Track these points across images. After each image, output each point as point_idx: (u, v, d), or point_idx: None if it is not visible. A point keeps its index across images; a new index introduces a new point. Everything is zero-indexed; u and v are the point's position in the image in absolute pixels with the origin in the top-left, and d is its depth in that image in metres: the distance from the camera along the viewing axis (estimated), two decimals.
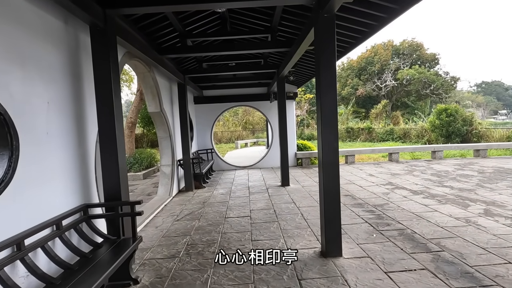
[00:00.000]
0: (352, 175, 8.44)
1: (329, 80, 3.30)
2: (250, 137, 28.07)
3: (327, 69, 3.29)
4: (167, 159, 7.01)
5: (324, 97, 3.31)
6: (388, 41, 34.29)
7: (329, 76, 3.30)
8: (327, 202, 3.35)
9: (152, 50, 5.07)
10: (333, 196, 3.34)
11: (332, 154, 3.30)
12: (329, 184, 3.33)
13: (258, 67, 7.81)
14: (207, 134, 10.71)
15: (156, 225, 4.92)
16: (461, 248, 3.46)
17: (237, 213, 5.34)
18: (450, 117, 15.57)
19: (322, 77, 3.30)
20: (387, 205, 5.35)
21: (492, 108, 66.35)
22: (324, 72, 3.30)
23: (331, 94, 3.31)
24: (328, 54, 3.28)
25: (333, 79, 3.31)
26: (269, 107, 10.71)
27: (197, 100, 10.48)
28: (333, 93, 3.32)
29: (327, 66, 3.29)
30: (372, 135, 22.34)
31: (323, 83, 3.31)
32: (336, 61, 3.42)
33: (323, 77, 3.30)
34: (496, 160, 10.21)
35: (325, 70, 3.30)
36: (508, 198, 5.46)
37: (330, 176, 3.31)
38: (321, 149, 3.34)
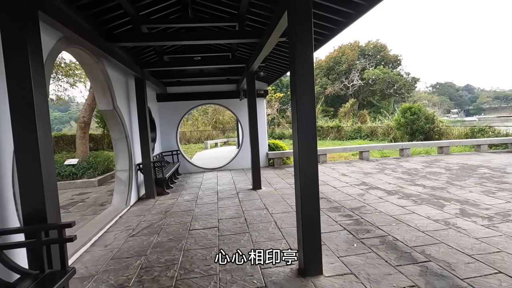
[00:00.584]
0: (326, 175, 8.18)
1: (306, 71, 2.84)
2: (221, 136, 27.31)
3: (303, 58, 2.82)
4: (123, 163, 6.18)
5: (301, 93, 2.84)
6: (354, 42, 35.32)
7: (306, 65, 2.84)
8: (305, 215, 2.89)
9: (98, 36, 4.29)
10: (312, 208, 2.90)
11: (310, 160, 2.84)
12: (308, 194, 2.87)
13: (226, 61, 7.22)
14: (172, 134, 9.90)
15: (106, 243, 4.16)
16: (447, 256, 3.19)
17: (203, 223, 4.74)
18: (414, 116, 16.14)
19: (297, 68, 2.83)
20: (364, 208, 5.06)
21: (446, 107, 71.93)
22: (300, 62, 2.83)
23: (308, 88, 2.85)
24: (305, 40, 2.81)
25: (310, 69, 2.85)
26: (239, 105, 10.16)
27: (161, 98, 9.63)
28: (310, 88, 2.86)
29: (303, 54, 2.82)
30: (341, 134, 22.71)
31: (299, 75, 2.83)
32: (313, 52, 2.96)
33: (299, 67, 2.83)
34: (458, 156, 10.59)
35: (301, 59, 2.83)
36: (479, 196, 5.45)
37: (309, 186, 2.86)
38: (298, 154, 2.86)
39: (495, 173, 7.37)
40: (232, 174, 9.16)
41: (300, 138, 2.84)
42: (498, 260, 3.05)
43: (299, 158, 2.85)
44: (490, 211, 4.59)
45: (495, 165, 8.40)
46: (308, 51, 2.83)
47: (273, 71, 8.55)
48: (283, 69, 8.13)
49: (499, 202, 5.02)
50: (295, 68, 2.83)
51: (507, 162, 8.83)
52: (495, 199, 5.21)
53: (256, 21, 4.76)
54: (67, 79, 11.80)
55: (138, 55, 6.47)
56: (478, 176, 7.05)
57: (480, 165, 8.60)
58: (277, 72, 8.72)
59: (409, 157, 10.96)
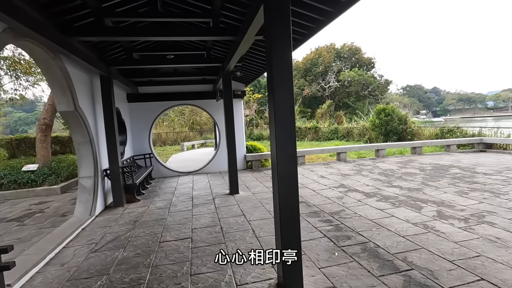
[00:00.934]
0: (304, 178, 8.06)
1: (284, 70, 2.61)
2: (198, 138, 26.69)
3: (280, 56, 2.60)
4: (87, 169, 5.66)
5: (279, 93, 2.61)
6: (330, 44, 36.03)
7: (283, 64, 2.61)
8: (284, 227, 2.66)
9: (52, 29, 3.83)
10: (292, 218, 2.67)
11: (289, 166, 2.62)
12: (286, 203, 2.65)
13: (201, 60, 6.88)
14: (144, 136, 9.36)
15: (63, 261, 3.70)
16: (429, 263, 3.10)
17: (175, 234, 4.38)
18: (388, 117, 16.57)
19: (275, 67, 2.60)
20: (343, 212, 4.95)
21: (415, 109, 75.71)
22: (278, 60, 2.60)
23: (286, 88, 2.63)
24: (282, 36, 2.59)
25: (288, 68, 2.63)
26: (215, 106, 9.82)
27: (131, 98, 9.08)
28: (288, 87, 2.64)
29: (280, 52, 2.60)
30: (318, 134, 22.93)
31: (277, 75, 2.61)
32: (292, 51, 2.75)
33: (276, 66, 2.60)
34: (431, 156, 10.93)
35: (278, 57, 2.60)
36: (453, 196, 5.53)
37: (287, 194, 2.63)
38: (276, 158, 2.63)
39: (465, 173, 7.60)
40: (209, 178, 8.81)
41: (278, 142, 2.61)
42: (478, 265, 3.00)
43: (277, 164, 2.61)
44: (465, 212, 4.63)
45: (465, 165, 8.71)
46: (286, 49, 2.61)
47: (251, 71, 8.32)
48: (261, 69, 7.92)
49: (473, 202, 5.10)
50: (272, 67, 2.60)
51: (475, 162, 9.19)
52: (468, 199, 5.30)
53: (231, 17, 4.50)
54: (26, 77, 10.84)
55: (104, 52, 5.98)
56: (450, 177, 7.23)
57: (451, 165, 8.88)
58: (254, 72, 8.49)
59: (384, 158, 11.16)
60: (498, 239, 3.59)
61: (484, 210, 4.69)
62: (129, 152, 8.74)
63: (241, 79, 9.44)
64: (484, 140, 11.95)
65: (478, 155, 10.64)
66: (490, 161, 9.26)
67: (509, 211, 4.56)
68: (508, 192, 5.63)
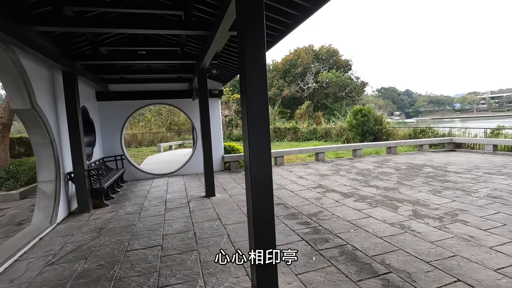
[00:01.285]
0: (283, 178, 7.95)
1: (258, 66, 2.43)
2: (176, 138, 25.99)
3: (254, 53, 2.41)
4: (47, 173, 5.19)
5: (252, 92, 2.43)
6: (309, 46, 36.51)
7: (257, 61, 2.43)
8: (258, 234, 2.48)
9: (2, 16, 3.41)
10: (266, 225, 2.49)
11: (264, 167, 2.44)
12: (260, 209, 2.46)
13: (174, 57, 6.56)
14: (115, 137, 8.85)
15: (13, 276, 3.30)
16: (407, 265, 3.04)
17: (144, 241, 4.07)
18: (364, 117, 16.95)
19: (247, 64, 2.41)
20: (321, 214, 4.85)
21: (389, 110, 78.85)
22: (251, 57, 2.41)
23: (260, 87, 2.45)
24: (255, 29, 2.40)
25: (262, 65, 2.46)
26: (192, 105, 9.49)
27: (101, 96, 8.55)
28: (262, 86, 2.46)
29: (254, 48, 2.41)
30: (297, 135, 23.07)
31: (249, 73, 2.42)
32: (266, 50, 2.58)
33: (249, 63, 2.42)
34: (405, 156, 11.22)
35: (251, 54, 2.41)
36: (427, 195, 5.61)
37: (261, 199, 2.45)
38: (249, 161, 2.44)
39: (438, 171, 7.82)
40: (185, 180, 8.47)
41: (251, 143, 2.42)
42: (454, 266, 2.98)
43: (251, 167, 2.43)
44: (439, 211, 4.68)
45: (437, 164, 8.98)
46: (259, 44, 2.43)
47: (228, 69, 8.10)
48: (238, 67, 7.71)
49: (446, 201, 5.19)
50: (245, 63, 2.41)
51: (446, 161, 9.52)
52: (442, 198, 5.39)
53: (204, 10, 4.26)
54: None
55: (67, 45, 5.52)
56: (424, 176, 7.40)
57: (424, 164, 9.13)
58: (231, 71, 8.28)
59: (361, 158, 11.33)
60: (472, 238, 3.62)
61: (457, 208, 4.77)
62: (98, 153, 8.22)
63: (218, 78, 9.19)
64: (454, 140, 12.48)
65: (449, 154, 11.06)
66: (460, 160, 9.63)
67: (480, 209, 4.67)
68: (478, 190, 5.81)
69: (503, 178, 6.73)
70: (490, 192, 5.59)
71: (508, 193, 5.48)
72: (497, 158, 9.63)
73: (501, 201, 5.05)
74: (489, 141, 11.31)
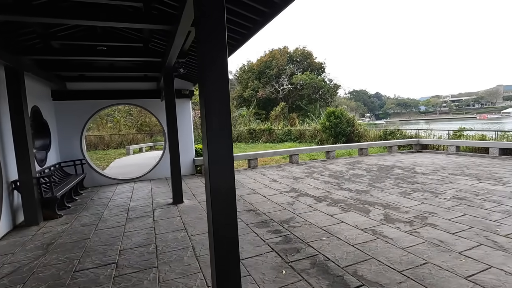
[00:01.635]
0: (256, 182, 7.71)
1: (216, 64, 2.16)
2: (147, 140, 24.93)
3: (213, 49, 2.14)
4: None
5: (210, 89, 2.15)
6: (283, 47, 36.76)
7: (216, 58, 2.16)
8: (219, 253, 2.20)
9: None
10: (228, 243, 2.22)
11: (225, 176, 2.17)
12: (221, 224, 2.19)
13: (138, 53, 6.07)
14: (75, 140, 8.13)
15: None
16: (379, 276, 2.91)
17: (97, 259, 3.63)
18: (337, 119, 17.23)
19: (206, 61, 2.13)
20: (293, 220, 4.66)
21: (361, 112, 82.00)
22: (210, 54, 2.14)
23: (220, 84, 2.18)
24: (214, 23, 2.13)
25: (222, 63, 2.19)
26: (160, 106, 8.98)
27: (58, 95, 7.82)
28: (223, 85, 2.19)
29: (213, 44, 2.14)
30: (272, 136, 23.02)
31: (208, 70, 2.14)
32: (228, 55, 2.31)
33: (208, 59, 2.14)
34: (375, 157, 11.46)
35: (210, 50, 2.13)
36: (397, 198, 5.64)
37: (222, 212, 2.17)
38: (208, 168, 2.16)
39: (407, 173, 7.99)
40: (152, 185, 7.97)
41: (210, 150, 2.14)
42: (426, 274, 2.89)
43: (210, 176, 2.14)
44: (409, 214, 4.68)
45: (405, 165, 9.21)
46: (220, 38, 2.16)
47: (197, 68, 7.71)
48: None
49: (415, 203, 5.23)
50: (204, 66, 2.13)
51: (414, 162, 9.81)
52: (411, 200, 5.43)
53: (165, 3, 3.91)
54: None
55: (9, 38, 4.88)
56: (394, 177, 7.51)
57: (394, 165, 9.33)
58: None
59: (334, 159, 11.40)
60: (441, 243, 3.59)
61: (426, 211, 4.79)
62: (54, 158, 7.49)
63: (188, 78, 8.78)
64: (421, 141, 12.98)
65: (416, 155, 11.45)
66: (426, 161, 9.97)
67: (447, 211, 4.72)
68: (445, 191, 5.93)
69: (466, 179, 6.98)
70: (456, 194, 5.73)
71: (472, 194, 5.64)
72: (459, 159, 10.09)
73: (467, 202, 5.16)
74: (453, 142, 11.87)
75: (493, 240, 3.61)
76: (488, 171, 7.79)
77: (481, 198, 5.35)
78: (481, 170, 7.96)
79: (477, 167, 8.45)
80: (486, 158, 10.07)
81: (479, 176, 7.15)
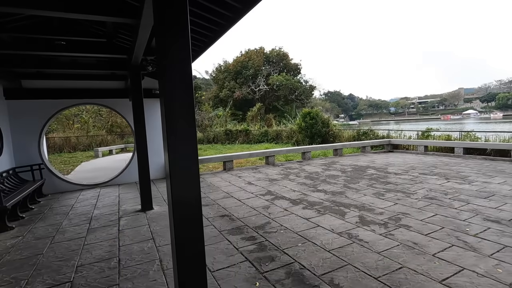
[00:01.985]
0: (231, 185, 7.48)
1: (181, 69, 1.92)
2: (118, 142, 23.77)
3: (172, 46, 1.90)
4: None
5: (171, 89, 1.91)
6: (260, 48, 36.77)
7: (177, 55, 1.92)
8: (182, 272, 1.95)
9: None
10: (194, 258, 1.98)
11: (188, 187, 1.93)
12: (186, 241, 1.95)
13: (102, 49, 5.63)
14: (32, 143, 7.43)
15: None
16: (356, 284, 2.80)
17: (49, 277, 3.23)
18: (313, 120, 17.40)
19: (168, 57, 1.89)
20: (269, 225, 4.50)
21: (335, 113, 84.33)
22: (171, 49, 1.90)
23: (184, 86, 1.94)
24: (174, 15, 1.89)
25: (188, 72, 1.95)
26: (129, 106, 8.46)
27: (12, 94, 7.10)
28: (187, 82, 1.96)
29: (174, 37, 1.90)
30: (249, 137, 22.86)
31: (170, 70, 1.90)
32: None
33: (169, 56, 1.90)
34: (350, 158, 11.65)
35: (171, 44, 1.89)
36: (372, 199, 5.66)
37: (185, 226, 1.93)
38: (169, 178, 1.91)
39: (380, 173, 8.13)
40: (121, 191, 7.48)
41: (171, 155, 1.89)
42: (402, 280, 2.82)
43: (172, 188, 1.90)
44: (384, 216, 4.68)
45: (378, 165, 9.41)
46: (183, 31, 1.93)
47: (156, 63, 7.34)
48: None
49: (389, 204, 5.26)
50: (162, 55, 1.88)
51: (386, 162, 10.06)
52: (385, 201, 5.47)
53: None
54: None
55: None
56: (368, 178, 7.60)
57: (367, 166, 9.49)
58: None
59: (310, 160, 11.44)
60: (416, 245, 3.58)
61: (399, 212, 4.83)
62: (7, 163, 6.78)
63: (157, 76, 8.34)
64: (392, 142, 13.40)
65: (388, 155, 11.78)
66: (398, 161, 10.26)
67: (420, 212, 4.78)
68: (416, 191, 6.06)
69: (435, 178, 7.21)
70: (427, 193, 5.86)
71: (441, 194, 5.79)
72: (428, 158, 10.49)
73: (437, 202, 5.28)
74: (421, 142, 12.35)
75: (464, 240, 3.66)
76: (455, 170, 8.12)
77: (450, 198, 5.50)
78: (448, 169, 8.29)
79: (444, 166, 8.80)
80: (452, 157, 10.55)
81: (447, 176, 7.42)
